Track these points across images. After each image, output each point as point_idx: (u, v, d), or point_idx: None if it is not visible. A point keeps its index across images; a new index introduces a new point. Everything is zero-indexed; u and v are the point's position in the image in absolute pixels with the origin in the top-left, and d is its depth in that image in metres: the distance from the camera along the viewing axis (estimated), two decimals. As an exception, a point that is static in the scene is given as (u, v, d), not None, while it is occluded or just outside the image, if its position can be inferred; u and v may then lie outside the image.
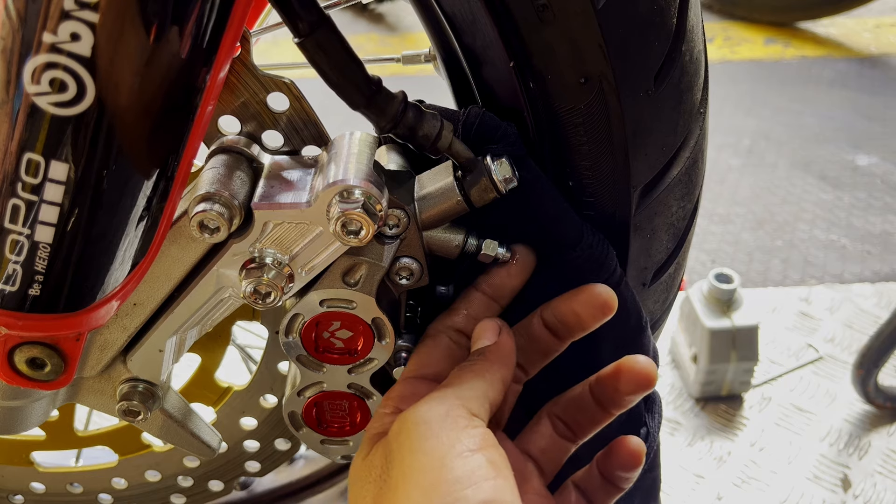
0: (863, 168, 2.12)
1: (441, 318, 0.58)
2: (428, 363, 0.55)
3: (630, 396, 0.55)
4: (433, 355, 0.55)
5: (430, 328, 0.57)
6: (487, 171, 0.52)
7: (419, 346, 0.57)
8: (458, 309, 0.57)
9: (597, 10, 0.49)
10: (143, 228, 0.46)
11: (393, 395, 0.53)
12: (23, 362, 0.51)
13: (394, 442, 0.47)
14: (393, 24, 2.86)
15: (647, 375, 0.54)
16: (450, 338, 0.56)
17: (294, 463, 0.97)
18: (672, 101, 0.56)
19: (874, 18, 2.87)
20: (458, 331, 0.57)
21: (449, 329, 0.57)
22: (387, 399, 0.53)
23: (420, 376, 0.54)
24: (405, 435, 0.46)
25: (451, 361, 0.55)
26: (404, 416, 0.48)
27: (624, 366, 0.55)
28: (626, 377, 0.55)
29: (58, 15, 0.37)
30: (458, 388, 0.49)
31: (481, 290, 0.57)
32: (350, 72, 0.49)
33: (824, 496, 1.25)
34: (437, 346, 0.56)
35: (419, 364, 0.55)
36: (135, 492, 0.81)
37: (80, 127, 0.40)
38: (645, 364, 0.54)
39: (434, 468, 0.43)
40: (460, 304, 0.58)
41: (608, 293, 0.55)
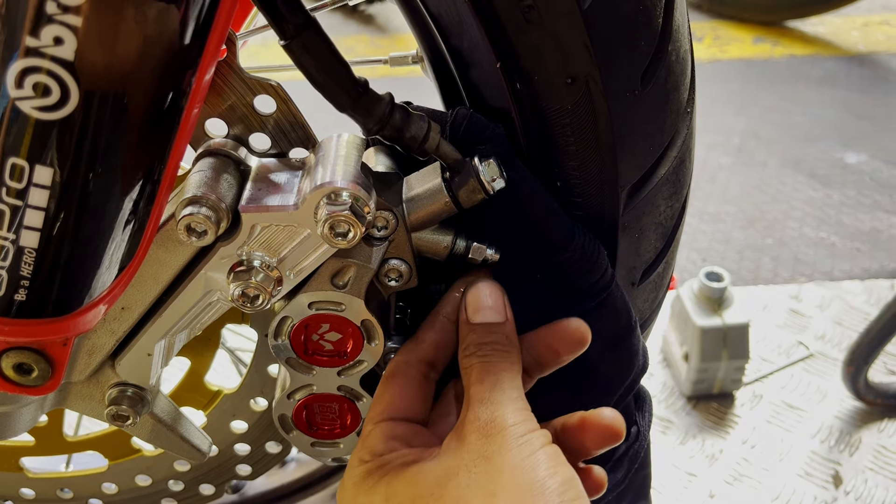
0: (852, 166, 2.13)
1: (408, 351, 0.55)
2: (401, 405, 0.53)
3: (597, 450, 0.55)
4: (406, 396, 0.54)
5: (397, 362, 0.55)
6: (475, 172, 0.52)
7: (388, 384, 0.54)
8: (424, 339, 0.56)
9: (583, 10, 0.49)
10: (130, 232, 0.46)
11: (371, 443, 0.52)
12: (10, 368, 0.50)
13: (482, 442, 0.48)
14: (383, 25, 2.86)
15: (614, 430, 0.54)
16: (420, 372, 0.55)
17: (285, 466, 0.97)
18: (659, 101, 0.56)
19: (862, 17, 2.89)
20: (428, 363, 0.55)
21: (419, 363, 0.55)
22: (363, 449, 0.52)
23: (394, 418, 0.53)
24: (498, 434, 0.48)
25: (423, 399, 0.54)
26: (490, 419, 0.49)
27: (589, 420, 0.54)
28: (592, 433, 0.54)
29: (40, 19, 0.37)
30: (514, 388, 0.51)
31: (447, 317, 0.56)
32: (336, 74, 0.49)
33: (815, 493, 1.26)
34: (409, 384, 0.54)
35: (393, 406, 0.53)
36: (125, 496, 0.81)
37: (64, 131, 0.39)
38: (611, 419, 0.54)
39: (529, 454, 0.47)
40: (426, 332, 0.56)
41: (583, 327, 0.56)
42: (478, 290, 0.55)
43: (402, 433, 0.52)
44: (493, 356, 0.52)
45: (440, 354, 0.56)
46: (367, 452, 0.51)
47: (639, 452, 0.68)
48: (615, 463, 0.67)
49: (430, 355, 0.55)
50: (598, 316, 0.59)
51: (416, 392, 0.54)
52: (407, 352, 0.56)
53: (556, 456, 0.48)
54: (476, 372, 0.52)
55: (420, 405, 0.54)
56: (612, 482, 0.66)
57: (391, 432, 0.52)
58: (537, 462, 0.47)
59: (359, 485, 0.51)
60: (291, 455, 0.92)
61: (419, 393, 0.54)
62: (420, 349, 0.55)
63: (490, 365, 0.52)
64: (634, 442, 0.67)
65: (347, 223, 0.49)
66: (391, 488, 0.49)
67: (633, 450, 0.67)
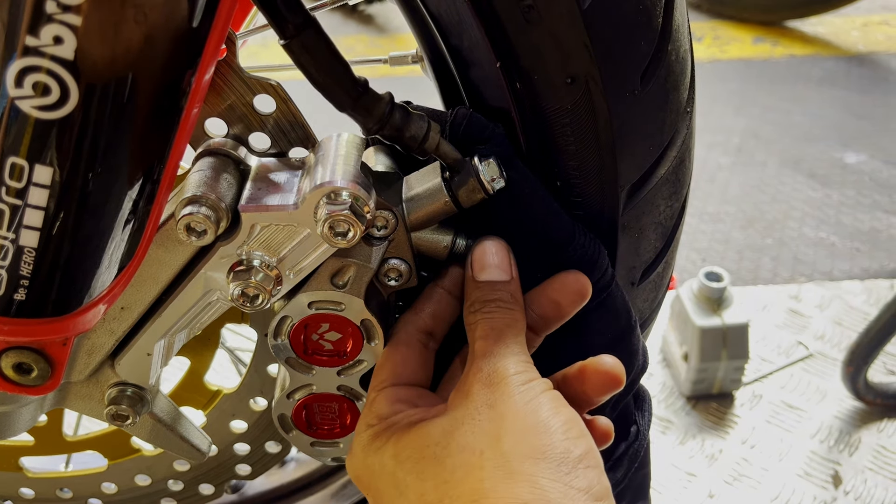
0: (851, 166, 2.13)
1: (408, 320, 0.57)
2: (404, 372, 0.55)
3: (599, 397, 0.55)
4: (408, 363, 0.55)
5: (398, 331, 0.56)
6: (475, 171, 0.52)
7: (390, 353, 0.56)
8: (422, 309, 0.57)
9: (582, 10, 0.49)
10: (130, 232, 0.46)
11: (376, 408, 0.53)
12: (9, 367, 0.50)
13: (485, 392, 0.49)
14: (382, 25, 2.86)
15: (613, 376, 0.54)
16: (419, 341, 0.56)
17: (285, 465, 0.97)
18: (659, 101, 0.56)
19: (862, 17, 2.89)
20: (427, 332, 0.56)
21: (419, 332, 0.56)
22: (369, 414, 0.53)
23: (398, 384, 0.54)
24: (501, 383, 0.49)
25: (424, 366, 0.55)
26: (492, 370, 0.50)
27: (589, 368, 0.54)
28: (592, 380, 0.54)
29: (40, 18, 0.37)
30: (517, 343, 0.52)
31: (445, 288, 0.57)
32: (336, 73, 0.49)
33: (815, 493, 1.26)
34: (410, 352, 0.55)
35: (395, 373, 0.55)
36: (125, 496, 0.81)
37: (64, 130, 0.39)
38: (611, 365, 0.54)
39: (532, 398, 0.49)
40: (425, 303, 0.57)
41: (581, 278, 0.56)
42: (483, 247, 0.55)
43: (407, 396, 0.53)
44: (496, 313, 0.53)
45: (438, 324, 0.56)
46: (373, 416, 0.52)
47: (638, 452, 0.68)
48: (615, 462, 0.67)
49: (429, 325, 0.56)
50: (598, 316, 0.59)
51: (417, 358, 0.55)
52: (405, 322, 0.57)
53: (557, 399, 0.49)
54: (480, 328, 0.53)
55: (422, 371, 0.55)
56: (611, 481, 0.66)
57: (395, 396, 0.53)
58: (539, 405, 0.48)
59: (367, 447, 0.51)
60: (291, 455, 0.92)
61: (420, 359, 0.55)
62: (419, 318, 0.56)
63: (494, 321, 0.52)
64: (634, 441, 0.67)
65: (347, 223, 0.49)
66: (399, 445, 0.50)
67: (632, 449, 0.67)
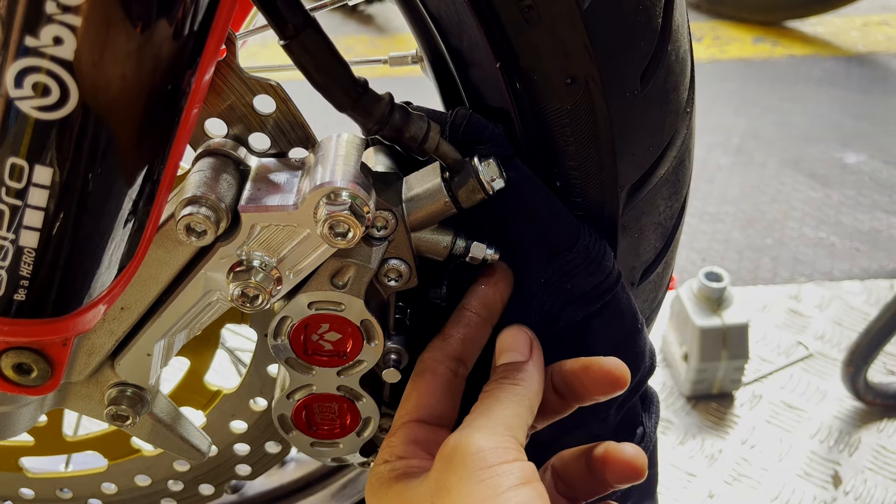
0: (851, 166, 2.13)
1: (436, 347, 0.55)
2: (429, 403, 0.52)
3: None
4: (434, 394, 0.52)
5: (425, 359, 0.54)
6: (475, 171, 0.52)
7: (416, 382, 0.53)
8: (451, 335, 0.55)
9: (582, 10, 0.49)
10: (130, 232, 0.46)
11: (394, 443, 0.51)
12: (9, 367, 0.50)
13: (445, 469, 0.46)
14: (382, 25, 2.86)
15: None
16: (449, 369, 0.54)
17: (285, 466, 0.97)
18: (658, 101, 0.56)
19: (861, 17, 2.89)
20: (457, 359, 0.54)
21: (448, 359, 0.54)
22: (387, 448, 0.51)
23: (421, 420, 0.52)
24: (459, 463, 0.45)
25: (452, 397, 0.53)
26: (456, 444, 0.46)
27: (611, 455, 0.53)
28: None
29: (40, 18, 0.37)
30: (503, 416, 0.48)
31: (474, 311, 0.56)
32: (336, 73, 0.49)
33: (815, 493, 1.26)
34: (438, 381, 0.53)
35: (420, 405, 0.52)
36: (125, 496, 0.81)
37: (63, 131, 0.39)
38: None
39: (489, 497, 0.43)
40: (453, 328, 0.55)
41: (620, 370, 0.53)
42: (503, 335, 0.54)
43: (425, 438, 0.51)
44: (496, 389, 0.51)
45: (468, 350, 0.55)
46: (388, 452, 0.51)
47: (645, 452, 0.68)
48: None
49: (458, 350, 0.54)
50: (603, 317, 0.59)
51: (444, 390, 0.53)
52: (434, 349, 0.55)
53: (531, 499, 0.42)
54: (478, 403, 0.51)
55: (449, 404, 0.53)
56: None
57: (414, 435, 0.51)
58: (504, 501, 0.41)
59: (373, 485, 0.50)
60: (291, 455, 0.92)
61: (448, 391, 0.53)
62: (447, 345, 0.54)
63: (490, 397, 0.50)
64: (640, 442, 0.67)
65: (347, 223, 0.49)
66: (385, 499, 0.48)
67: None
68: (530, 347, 0.53)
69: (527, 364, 0.53)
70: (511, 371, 0.52)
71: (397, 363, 0.60)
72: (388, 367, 0.60)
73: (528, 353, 0.53)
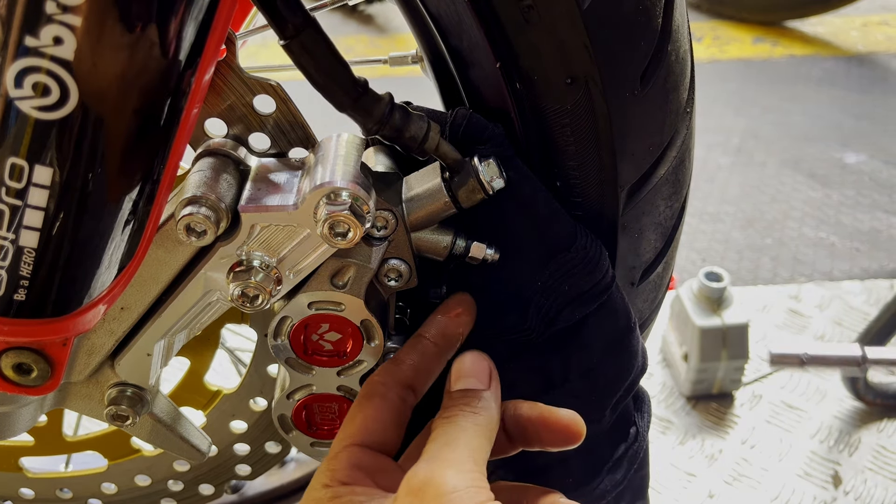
0: (851, 166, 2.13)
1: (387, 372, 0.53)
2: (375, 429, 0.50)
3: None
4: (381, 420, 0.50)
5: (374, 382, 0.53)
6: (475, 171, 0.52)
7: (363, 405, 0.51)
8: (405, 361, 0.53)
9: (582, 10, 0.49)
10: (130, 232, 0.46)
11: (336, 467, 0.48)
12: (9, 367, 0.50)
13: (410, 499, 0.44)
14: (382, 25, 2.86)
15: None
16: (398, 395, 0.52)
17: (285, 466, 0.97)
18: (658, 101, 0.56)
19: (861, 17, 2.89)
20: (407, 387, 0.52)
21: (398, 385, 0.52)
22: (328, 471, 0.48)
23: (364, 444, 0.50)
24: (431, 501, 0.43)
25: (398, 425, 0.51)
26: (427, 479, 0.44)
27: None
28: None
29: (40, 19, 0.37)
30: (470, 448, 0.46)
31: (432, 340, 0.55)
32: (336, 73, 0.49)
33: (815, 493, 1.26)
34: (386, 407, 0.51)
35: (365, 430, 0.50)
36: (125, 496, 0.81)
37: (63, 131, 0.39)
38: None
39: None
40: (407, 355, 0.54)
41: (576, 424, 0.52)
42: (462, 359, 0.53)
43: (369, 465, 0.49)
44: (458, 417, 0.49)
45: (420, 378, 0.53)
46: (329, 476, 0.48)
47: (637, 453, 0.68)
48: (614, 463, 0.67)
49: (409, 378, 0.53)
50: (598, 317, 0.59)
51: (391, 416, 0.51)
52: (385, 373, 0.53)
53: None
54: (436, 430, 0.48)
55: (393, 431, 0.51)
56: (611, 483, 0.66)
57: (358, 460, 0.49)
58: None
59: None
60: (291, 455, 0.92)
61: (394, 417, 0.51)
62: (399, 371, 0.53)
63: (452, 424, 0.48)
64: (633, 443, 0.67)
65: (347, 223, 0.49)
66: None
67: (632, 450, 0.67)
68: (489, 376, 0.52)
69: (486, 392, 0.51)
70: (471, 398, 0.50)
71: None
72: (388, 367, 0.60)
73: (487, 381, 0.51)
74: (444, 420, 0.49)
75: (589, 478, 0.66)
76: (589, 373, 0.61)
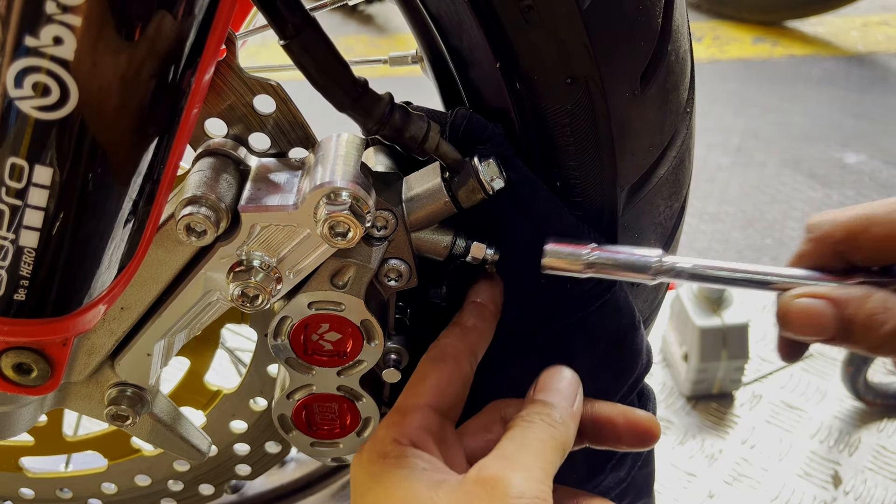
0: (851, 166, 2.13)
1: (456, 336, 0.53)
2: (448, 393, 0.51)
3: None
4: (454, 384, 0.51)
5: (446, 345, 0.53)
6: (475, 171, 0.52)
7: (437, 367, 0.52)
8: (468, 325, 0.54)
9: (582, 10, 0.49)
10: (130, 232, 0.46)
11: (409, 424, 0.48)
12: (9, 367, 0.50)
13: (475, 495, 0.44)
14: (382, 25, 2.86)
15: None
16: (468, 361, 0.53)
17: (285, 466, 0.97)
18: (658, 101, 0.56)
19: (861, 17, 2.89)
20: (473, 353, 0.54)
21: (468, 352, 0.53)
22: (399, 426, 0.49)
23: (437, 407, 0.50)
24: (496, 500, 0.43)
25: (465, 391, 0.52)
26: (496, 476, 0.44)
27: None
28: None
29: (40, 19, 0.37)
30: (545, 460, 0.46)
31: (487, 305, 0.55)
32: (336, 73, 0.49)
33: (815, 493, 1.26)
34: (459, 372, 0.52)
35: (439, 392, 0.50)
36: (125, 496, 0.81)
37: (63, 131, 0.39)
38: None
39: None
40: (469, 319, 0.54)
41: (654, 426, 0.53)
42: (553, 373, 0.53)
43: (437, 430, 0.49)
44: (538, 425, 0.49)
45: (482, 343, 0.54)
46: (399, 432, 0.48)
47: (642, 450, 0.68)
48: (618, 460, 0.67)
49: (475, 344, 0.53)
50: (601, 315, 0.59)
51: (461, 382, 0.52)
52: (454, 336, 0.53)
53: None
54: (513, 429, 0.49)
55: (461, 397, 0.52)
56: (615, 480, 0.67)
57: (430, 423, 0.49)
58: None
59: (372, 461, 0.48)
60: (291, 455, 0.92)
61: (464, 383, 0.52)
62: (467, 336, 0.53)
63: (531, 430, 0.48)
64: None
65: (347, 223, 0.49)
66: (384, 480, 0.47)
67: (635, 448, 0.67)
68: (575, 395, 0.52)
69: (569, 410, 0.51)
70: (552, 411, 0.50)
71: (397, 363, 0.60)
72: (389, 367, 0.60)
73: (572, 400, 0.51)
74: (523, 423, 0.49)
75: (592, 474, 0.66)
76: (592, 370, 0.61)
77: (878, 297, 0.47)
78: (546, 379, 0.53)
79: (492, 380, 0.57)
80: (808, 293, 0.49)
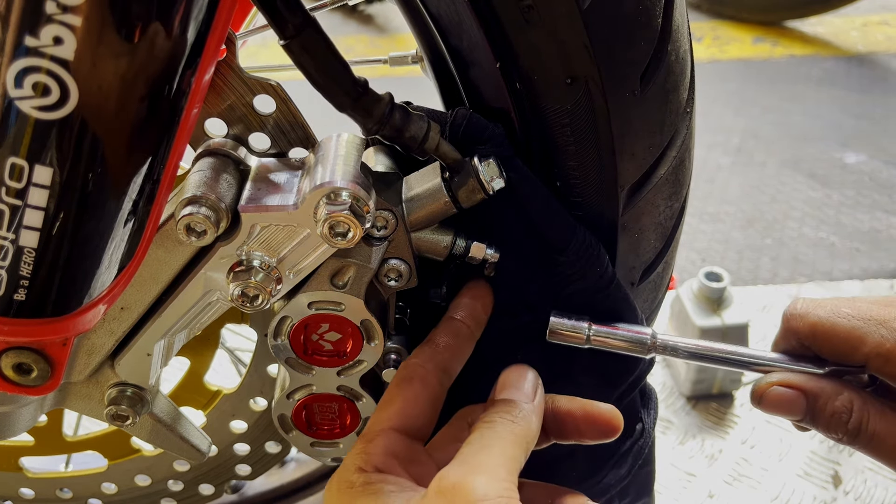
0: (851, 166, 2.13)
1: (425, 355, 0.53)
2: (413, 414, 0.50)
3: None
4: (420, 405, 0.50)
5: (413, 365, 0.53)
6: (475, 171, 0.52)
7: (402, 388, 0.51)
8: (440, 343, 0.54)
9: (582, 10, 0.49)
10: (130, 232, 0.46)
11: (372, 451, 0.48)
12: (9, 367, 0.50)
13: (435, 499, 0.43)
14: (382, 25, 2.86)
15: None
16: (437, 379, 0.52)
17: (285, 466, 0.97)
18: (658, 101, 0.56)
19: (861, 17, 2.89)
20: (444, 370, 0.53)
21: (437, 369, 0.52)
22: (363, 454, 0.48)
23: (402, 430, 0.49)
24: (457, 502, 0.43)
25: (434, 412, 0.51)
26: (457, 483, 0.43)
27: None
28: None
29: (40, 19, 0.37)
30: (505, 457, 0.46)
31: (464, 322, 0.55)
32: (336, 73, 0.49)
33: (815, 493, 1.26)
34: (426, 392, 0.51)
35: (404, 414, 0.50)
36: (125, 496, 0.81)
37: (63, 131, 0.39)
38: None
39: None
40: (441, 337, 0.54)
41: (619, 418, 0.53)
42: (509, 371, 0.53)
43: (404, 452, 0.49)
44: (497, 424, 0.48)
45: (455, 361, 0.54)
46: (364, 460, 0.48)
47: (643, 449, 0.68)
48: (619, 458, 0.67)
49: (447, 360, 0.53)
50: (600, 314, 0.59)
51: (429, 401, 0.51)
52: (423, 355, 0.53)
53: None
54: (474, 433, 0.48)
55: (430, 416, 0.51)
56: (615, 477, 0.67)
57: (394, 447, 0.49)
58: None
59: (341, 492, 0.47)
60: (291, 455, 0.92)
61: (432, 402, 0.51)
62: (437, 353, 0.53)
63: (490, 430, 0.48)
64: (639, 438, 0.67)
65: (347, 223, 0.49)
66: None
67: (637, 446, 0.67)
68: (534, 391, 0.52)
69: (528, 405, 0.51)
70: (512, 408, 0.50)
71: (397, 363, 0.60)
72: (388, 367, 0.60)
73: (532, 395, 0.51)
74: (483, 424, 0.49)
75: (593, 472, 0.66)
76: (592, 368, 0.61)
77: (845, 398, 0.54)
78: (506, 378, 0.53)
79: (484, 383, 0.57)
80: (783, 382, 0.55)
